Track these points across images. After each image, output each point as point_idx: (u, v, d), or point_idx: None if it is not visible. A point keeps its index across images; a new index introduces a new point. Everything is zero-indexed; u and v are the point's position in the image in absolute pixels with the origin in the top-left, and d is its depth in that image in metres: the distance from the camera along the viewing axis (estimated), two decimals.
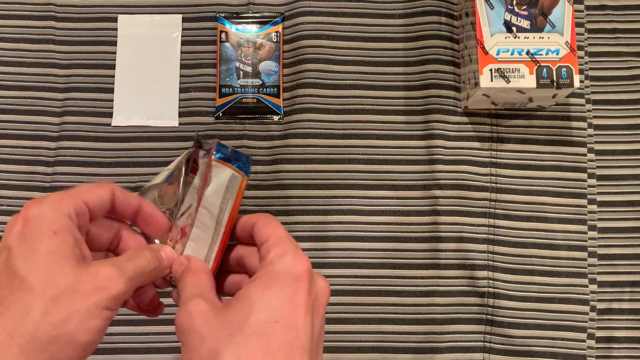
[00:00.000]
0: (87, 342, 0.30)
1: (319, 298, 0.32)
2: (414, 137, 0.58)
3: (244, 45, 0.59)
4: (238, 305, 0.31)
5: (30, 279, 0.29)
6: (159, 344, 0.54)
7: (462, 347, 0.55)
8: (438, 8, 0.60)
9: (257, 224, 0.35)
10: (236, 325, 0.30)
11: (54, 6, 0.60)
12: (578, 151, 0.57)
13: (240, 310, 0.30)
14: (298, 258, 0.32)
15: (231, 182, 0.36)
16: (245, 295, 0.31)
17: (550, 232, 0.56)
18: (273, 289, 0.31)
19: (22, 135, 0.58)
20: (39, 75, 0.59)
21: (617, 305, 0.56)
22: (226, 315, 0.30)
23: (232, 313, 0.30)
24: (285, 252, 0.32)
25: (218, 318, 0.30)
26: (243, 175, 0.36)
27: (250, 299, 0.30)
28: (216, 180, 0.35)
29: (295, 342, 0.30)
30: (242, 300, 0.31)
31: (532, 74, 0.52)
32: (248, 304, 0.30)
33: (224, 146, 0.36)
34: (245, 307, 0.30)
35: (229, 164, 0.36)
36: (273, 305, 0.30)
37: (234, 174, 0.36)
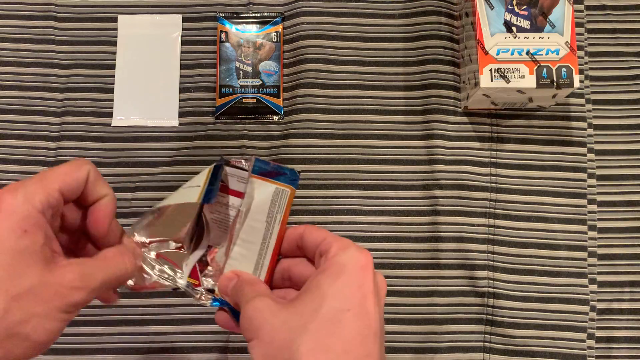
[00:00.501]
0: (42, 342, 0.30)
1: (380, 290, 0.34)
2: (414, 137, 0.58)
3: (244, 45, 0.59)
4: (309, 296, 0.31)
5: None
6: (159, 344, 0.54)
7: (462, 347, 0.55)
8: (438, 8, 0.60)
9: (306, 231, 0.36)
10: (309, 314, 0.31)
11: (54, 6, 0.60)
12: (578, 151, 0.57)
13: (312, 301, 0.31)
14: (361, 250, 0.33)
15: (276, 196, 0.36)
16: (315, 286, 0.32)
17: (550, 232, 0.56)
18: (342, 278, 0.32)
19: (22, 135, 0.58)
20: (39, 75, 0.59)
21: (617, 305, 0.56)
22: (297, 306, 0.31)
23: (303, 303, 0.31)
24: (348, 246, 0.33)
25: (288, 310, 0.31)
26: (291, 187, 0.36)
27: (321, 289, 0.31)
28: (259, 196, 0.36)
29: (367, 329, 0.31)
30: (312, 290, 0.32)
31: (532, 74, 0.52)
32: (319, 293, 0.31)
33: (264, 162, 0.37)
34: (316, 297, 0.31)
35: (271, 179, 0.36)
36: (344, 293, 0.31)
37: (279, 188, 0.36)
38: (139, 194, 0.57)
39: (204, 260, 0.38)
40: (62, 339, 0.33)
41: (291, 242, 0.37)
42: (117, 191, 0.57)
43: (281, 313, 0.31)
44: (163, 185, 0.57)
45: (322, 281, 0.32)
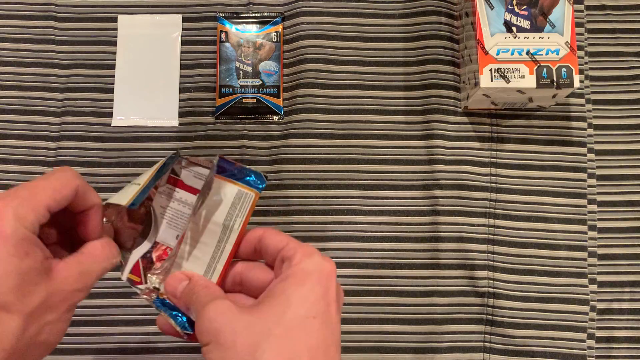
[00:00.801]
0: (56, 342, 0.32)
1: (340, 299, 0.34)
2: (414, 137, 0.58)
3: (244, 45, 0.59)
4: (273, 301, 0.31)
5: (6, 300, 0.30)
6: (159, 344, 0.54)
7: (462, 347, 0.55)
8: (438, 8, 0.60)
9: (265, 235, 0.35)
10: (274, 319, 0.30)
11: (54, 6, 0.60)
12: (578, 151, 0.57)
13: (276, 306, 0.31)
14: (325, 258, 0.33)
15: (239, 199, 0.34)
16: (280, 292, 0.31)
17: (550, 232, 0.56)
18: (307, 286, 0.31)
19: (22, 135, 0.58)
20: (39, 75, 0.59)
21: (617, 305, 0.56)
22: (261, 311, 0.31)
23: (268, 308, 0.31)
24: (313, 253, 0.33)
25: (252, 314, 0.31)
26: (255, 192, 0.35)
27: (285, 295, 0.31)
28: (219, 196, 0.34)
29: (331, 337, 0.31)
30: (277, 296, 0.31)
31: (532, 74, 0.52)
32: (284, 299, 0.31)
33: (228, 162, 0.35)
34: (281, 303, 0.31)
35: (235, 180, 0.34)
36: (310, 300, 0.31)
37: (242, 191, 0.34)
38: None
39: (148, 257, 0.37)
40: (62, 339, 0.33)
41: (248, 244, 0.36)
42: (117, 191, 0.57)
43: (243, 317, 0.31)
44: None
45: (287, 287, 0.31)
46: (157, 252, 0.36)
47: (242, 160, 0.57)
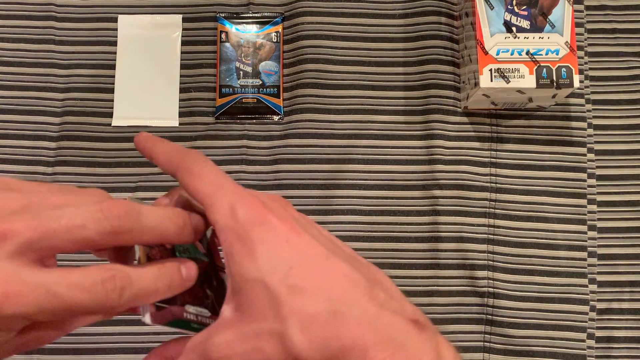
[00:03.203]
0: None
1: (287, 208, 0.29)
2: (414, 137, 0.58)
3: (244, 45, 0.59)
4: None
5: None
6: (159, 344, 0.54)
7: (462, 347, 0.55)
8: (438, 8, 0.60)
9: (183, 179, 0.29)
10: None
11: (54, 6, 0.60)
12: (578, 151, 0.57)
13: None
14: (241, 206, 0.27)
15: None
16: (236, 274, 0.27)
17: (550, 232, 0.56)
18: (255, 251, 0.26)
19: (22, 135, 0.58)
20: (39, 75, 0.59)
21: (617, 305, 0.56)
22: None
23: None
24: (224, 209, 0.27)
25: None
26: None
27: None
28: None
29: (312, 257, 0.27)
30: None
31: (532, 74, 0.52)
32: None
33: None
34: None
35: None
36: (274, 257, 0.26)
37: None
38: (139, 194, 0.57)
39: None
40: (62, 339, 0.32)
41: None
42: (117, 191, 0.57)
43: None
44: (163, 185, 0.57)
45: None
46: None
47: (242, 160, 0.58)
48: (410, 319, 0.26)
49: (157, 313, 0.29)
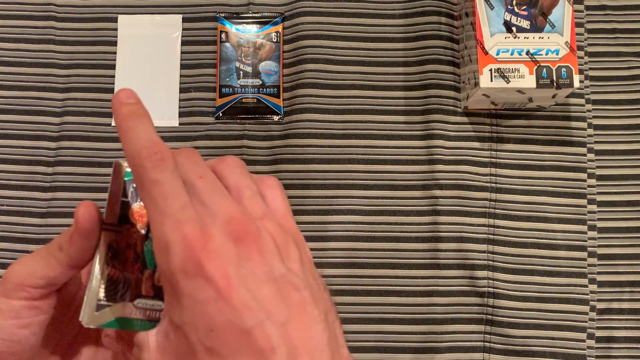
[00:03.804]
0: None
1: (238, 239, 0.25)
2: (414, 137, 0.58)
3: (244, 45, 0.59)
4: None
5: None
6: None
7: (462, 347, 0.55)
8: (438, 8, 0.60)
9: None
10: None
11: (54, 6, 0.60)
12: (578, 151, 0.57)
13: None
14: (175, 247, 0.24)
15: None
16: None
17: (550, 232, 0.56)
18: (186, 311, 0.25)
19: (22, 135, 0.58)
20: (39, 75, 0.59)
21: (616, 305, 0.56)
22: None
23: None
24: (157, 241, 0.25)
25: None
26: None
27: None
28: None
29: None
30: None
31: (532, 74, 0.52)
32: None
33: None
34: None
35: None
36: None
37: None
38: None
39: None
40: None
41: None
42: None
43: None
44: None
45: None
46: None
47: (242, 160, 0.58)
48: None
49: (97, 314, 0.28)
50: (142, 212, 0.28)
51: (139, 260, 0.28)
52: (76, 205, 0.28)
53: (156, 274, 0.28)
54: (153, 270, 0.28)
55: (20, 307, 0.28)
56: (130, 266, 0.28)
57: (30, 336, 0.29)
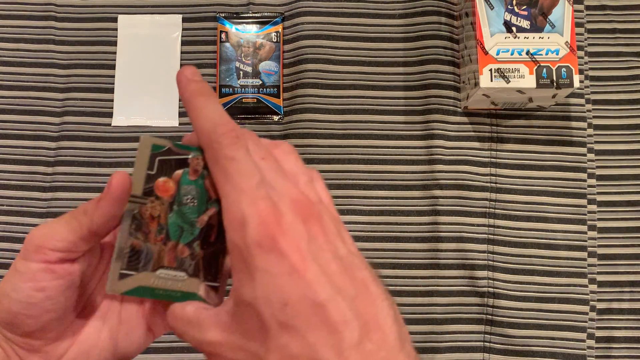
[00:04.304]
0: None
1: (311, 214, 0.26)
2: (414, 137, 0.58)
3: (244, 45, 0.59)
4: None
5: None
6: (159, 344, 0.54)
7: (462, 347, 0.55)
8: (438, 8, 0.60)
9: None
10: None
11: (54, 6, 0.60)
12: (578, 151, 0.57)
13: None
14: (251, 222, 0.25)
15: None
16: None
17: (550, 232, 0.56)
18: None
19: (22, 135, 0.58)
20: (39, 75, 0.59)
21: (617, 305, 0.56)
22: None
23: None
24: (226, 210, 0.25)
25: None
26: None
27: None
28: None
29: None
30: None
31: (532, 74, 0.52)
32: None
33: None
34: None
35: None
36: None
37: None
38: None
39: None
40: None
41: None
42: None
43: None
44: None
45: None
46: None
47: None
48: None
49: (120, 282, 0.29)
50: (167, 185, 0.29)
51: (162, 232, 0.29)
52: (76, 205, 0.28)
53: (179, 245, 0.29)
54: (176, 242, 0.29)
55: (37, 270, 0.28)
56: (153, 237, 0.29)
57: (46, 300, 0.29)
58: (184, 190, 0.29)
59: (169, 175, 0.29)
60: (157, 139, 0.29)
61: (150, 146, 0.29)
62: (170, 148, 0.29)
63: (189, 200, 0.29)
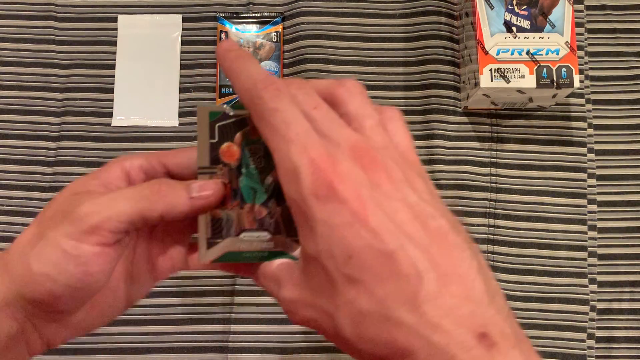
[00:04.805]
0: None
1: (368, 157, 0.24)
2: (414, 137, 0.57)
3: (244, 45, 0.59)
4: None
5: None
6: (159, 344, 0.54)
7: None
8: (438, 8, 0.60)
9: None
10: None
11: (54, 6, 0.60)
12: (578, 151, 0.57)
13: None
14: (305, 171, 0.23)
15: None
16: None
17: (550, 232, 0.56)
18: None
19: (22, 135, 0.58)
20: (39, 75, 0.59)
21: (617, 305, 0.56)
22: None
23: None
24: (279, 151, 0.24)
25: None
26: None
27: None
28: None
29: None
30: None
31: (532, 74, 0.52)
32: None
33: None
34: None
35: None
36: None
37: None
38: None
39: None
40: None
41: None
42: None
43: None
44: None
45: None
46: None
47: None
48: (478, 333, 0.22)
49: (208, 251, 0.29)
50: (232, 150, 0.29)
51: (237, 197, 0.29)
52: None
53: (256, 207, 0.29)
54: (252, 204, 0.29)
55: (92, 254, 0.26)
56: (229, 203, 0.29)
57: (94, 283, 0.27)
58: (248, 150, 0.29)
59: (231, 139, 0.29)
60: (212, 107, 0.29)
61: (208, 115, 0.29)
62: (226, 112, 0.29)
63: (256, 159, 0.29)
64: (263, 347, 0.54)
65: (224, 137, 0.29)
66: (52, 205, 0.28)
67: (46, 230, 0.26)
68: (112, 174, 0.29)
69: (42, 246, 0.26)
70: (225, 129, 0.29)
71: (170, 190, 0.28)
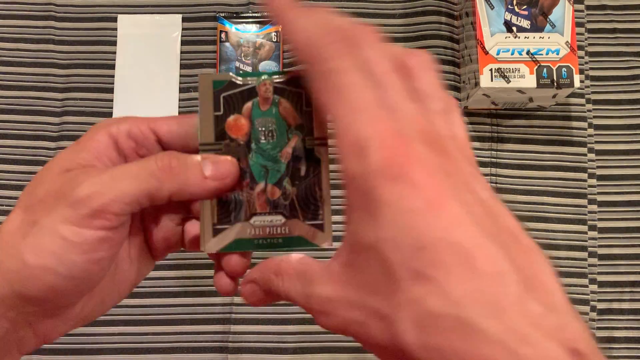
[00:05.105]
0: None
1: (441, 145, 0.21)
2: None
3: (244, 45, 0.59)
4: None
5: None
6: (159, 344, 0.54)
7: None
8: (438, 8, 0.60)
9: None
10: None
11: (54, 6, 0.60)
12: (578, 151, 0.57)
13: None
14: (374, 144, 0.20)
15: None
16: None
17: (550, 232, 0.56)
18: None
19: (22, 135, 0.58)
20: (39, 75, 0.59)
21: (617, 305, 0.56)
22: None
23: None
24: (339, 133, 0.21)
25: None
26: None
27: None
28: None
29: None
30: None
31: (532, 74, 0.52)
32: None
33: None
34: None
35: None
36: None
37: None
38: None
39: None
40: (62, 339, 0.32)
41: None
42: None
43: None
44: None
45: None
46: None
47: None
48: (569, 348, 0.18)
49: (214, 239, 0.25)
50: (239, 123, 0.26)
51: (246, 176, 0.26)
52: None
53: (268, 187, 0.26)
54: (265, 184, 0.26)
55: (96, 240, 0.23)
56: (238, 184, 0.26)
57: (99, 272, 0.25)
58: (258, 123, 0.26)
59: (239, 111, 0.26)
60: (216, 75, 0.25)
61: (212, 83, 0.26)
62: (232, 80, 0.26)
63: (267, 134, 0.26)
64: (263, 347, 0.54)
65: (230, 109, 0.26)
66: (39, 185, 0.25)
67: (38, 216, 0.23)
68: (100, 143, 0.26)
69: (36, 235, 0.23)
70: (231, 99, 0.26)
71: (182, 167, 0.25)
